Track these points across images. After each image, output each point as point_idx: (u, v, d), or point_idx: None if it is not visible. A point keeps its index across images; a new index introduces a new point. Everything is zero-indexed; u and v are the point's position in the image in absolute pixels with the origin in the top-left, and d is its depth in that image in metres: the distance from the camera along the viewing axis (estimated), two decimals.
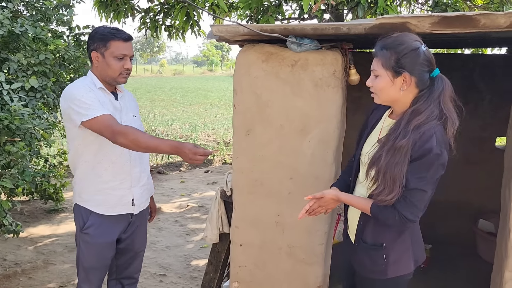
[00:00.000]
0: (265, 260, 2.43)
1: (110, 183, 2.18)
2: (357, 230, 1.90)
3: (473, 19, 1.74)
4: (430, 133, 1.60)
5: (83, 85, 2.09)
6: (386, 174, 1.64)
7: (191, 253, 4.11)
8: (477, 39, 2.57)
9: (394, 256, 1.81)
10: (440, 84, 1.66)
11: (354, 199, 1.83)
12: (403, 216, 1.65)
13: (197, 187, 6.52)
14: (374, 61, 1.72)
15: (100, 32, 2.11)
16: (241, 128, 2.33)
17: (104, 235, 2.22)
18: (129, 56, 2.14)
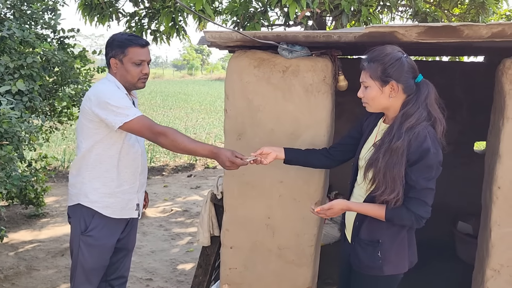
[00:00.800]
0: (255, 262, 2.47)
1: (122, 187, 2.23)
2: (353, 229, 1.98)
3: (457, 29, 1.83)
4: (424, 134, 1.73)
5: (115, 89, 2.13)
6: (386, 174, 1.75)
7: (176, 257, 4.11)
8: (457, 48, 2.68)
9: (391, 254, 1.89)
10: (425, 89, 1.80)
11: (366, 207, 1.87)
12: (419, 216, 1.76)
13: (180, 191, 6.51)
14: (363, 73, 1.85)
15: (118, 39, 2.15)
16: (233, 132, 2.38)
17: (107, 236, 2.26)
18: (147, 61, 2.19)
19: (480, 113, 4.06)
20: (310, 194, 2.32)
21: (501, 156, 2.01)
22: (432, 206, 1.77)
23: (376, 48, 1.83)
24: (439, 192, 4.08)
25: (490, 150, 2.18)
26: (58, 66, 3.57)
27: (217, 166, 8.38)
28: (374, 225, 1.89)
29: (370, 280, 1.94)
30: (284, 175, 2.34)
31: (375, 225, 1.88)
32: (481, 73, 3.99)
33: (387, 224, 1.84)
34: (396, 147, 1.73)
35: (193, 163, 8.43)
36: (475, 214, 4.22)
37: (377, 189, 1.79)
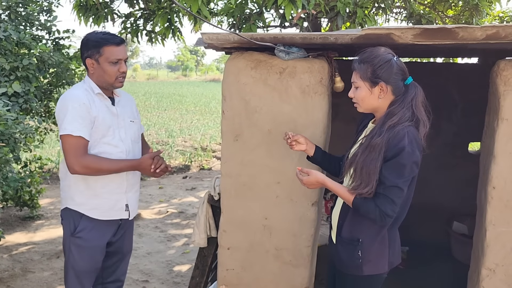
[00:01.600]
0: (252, 263, 2.47)
1: (107, 187, 2.20)
2: (337, 228, 2.00)
3: (453, 31, 1.85)
4: (403, 133, 1.76)
5: (78, 96, 2.09)
6: (363, 169, 1.79)
7: (173, 259, 4.10)
8: (452, 50, 2.71)
9: (370, 254, 1.91)
10: (412, 90, 1.84)
11: (339, 188, 1.89)
12: (382, 211, 1.77)
13: (175, 193, 6.50)
14: (354, 74, 1.89)
15: (92, 38, 2.11)
16: (230, 133, 2.38)
17: (97, 238, 2.23)
18: (124, 60, 2.15)
19: (474, 114, 4.09)
20: (307, 195, 2.33)
21: (496, 156, 2.03)
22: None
23: (367, 50, 1.86)
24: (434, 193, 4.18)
25: (485, 151, 2.20)
26: (54, 68, 3.55)
27: (212, 168, 8.39)
28: (355, 224, 1.91)
29: (351, 279, 1.96)
30: (281, 176, 2.35)
31: (356, 224, 1.91)
32: (475, 74, 4.01)
33: (367, 223, 1.86)
34: (375, 143, 1.77)
35: (188, 165, 8.42)
36: (470, 214, 4.26)
37: (354, 183, 1.83)
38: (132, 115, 2.34)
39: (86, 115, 2.08)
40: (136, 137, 2.33)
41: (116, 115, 2.22)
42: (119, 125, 2.22)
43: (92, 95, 2.14)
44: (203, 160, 8.89)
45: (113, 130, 2.18)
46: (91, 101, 2.11)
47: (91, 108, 2.10)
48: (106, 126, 2.15)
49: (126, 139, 2.24)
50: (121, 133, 2.22)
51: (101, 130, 2.14)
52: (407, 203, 1.89)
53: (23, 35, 3.09)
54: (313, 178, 1.92)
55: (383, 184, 1.77)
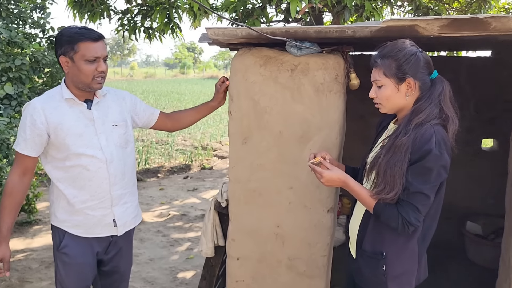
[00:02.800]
0: (264, 274, 2.31)
1: (88, 202, 2.00)
2: (357, 240, 1.83)
3: (484, 22, 1.68)
4: (430, 133, 1.59)
5: (34, 103, 1.91)
6: (387, 172, 1.62)
7: (176, 265, 3.95)
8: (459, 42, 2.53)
9: (397, 269, 1.73)
10: (440, 85, 1.69)
11: (361, 190, 1.71)
12: (406, 221, 1.60)
13: (177, 194, 6.34)
14: (374, 71, 1.71)
15: (67, 34, 1.89)
16: (238, 136, 2.22)
17: (82, 255, 2.04)
18: (102, 58, 1.91)
19: (487, 109, 3.95)
20: (322, 201, 2.17)
21: None
22: None
23: (387, 44, 1.70)
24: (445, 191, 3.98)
25: None
26: (48, 67, 3.38)
27: (213, 167, 8.22)
28: (378, 235, 1.74)
29: None
30: (294, 181, 2.19)
31: (378, 235, 1.73)
32: (487, 68, 3.86)
33: (392, 234, 1.69)
34: (401, 143, 1.60)
35: (189, 164, 8.26)
36: (484, 213, 4.13)
37: (377, 187, 1.65)
38: (119, 116, 2.09)
39: (30, 129, 1.89)
40: (123, 142, 2.09)
41: (92, 120, 1.98)
42: (98, 131, 1.98)
43: (55, 102, 1.92)
44: (204, 159, 8.74)
45: (88, 138, 1.96)
46: (52, 109, 1.90)
47: (47, 118, 1.89)
48: (75, 135, 1.93)
49: (107, 146, 2.01)
50: (101, 140, 1.99)
51: (69, 140, 1.92)
52: (437, 211, 1.72)
53: (14, 34, 2.91)
54: (335, 174, 1.72)
55: (406, 190, 1.60)
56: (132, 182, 2.16)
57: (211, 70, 49.44)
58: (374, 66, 1.71)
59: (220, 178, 7.40)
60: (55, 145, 1.94)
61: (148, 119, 2.27)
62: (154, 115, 2.28)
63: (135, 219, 2.21)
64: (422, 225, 1.69)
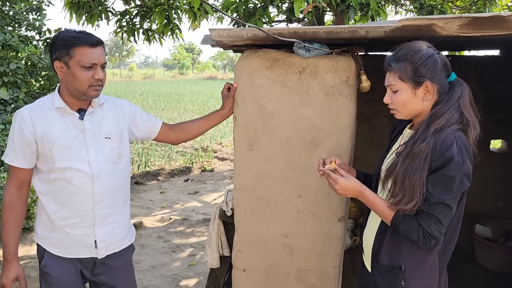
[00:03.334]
0: (271, 286, 2.21)
1: (69, 219, 1.86)
2: (373, 254, 1.72)
3: (507, 20, 1.58)
4: (451, 139, 1.49)
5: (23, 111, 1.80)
6: (405, 181, 1.52)
7: (178, 272, 3.84)
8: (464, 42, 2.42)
9: (416, 284, 1.63)
10: (459, 88, 1.59)
11: (378, 201, 1.61)
12: (428, 233, 1.51)
13: (178, 197, 6.24)
14: (389, 76, 1.61)
15: (62, 37, 1.75)
16: (243, 142, 2.12)
17: (65, 275, 1.90)
18: (100, 65, 1.78)
19: (496, 109, 3.85)
20: (332, 209, 2.07)
21: None
22: None
23: (401, 46, 1.60)
24: None
25: None
26: (45, 70, 3.27)
27: (214, 169, 8.13)
28: (395, 248, 1.63)
29: None
30: (303, 189, 2.09)
31: (395, 248, 1.63)
32: (496, 67, 3.77)
33: (411, 247, 1.59)
34: (419, 150, 1.50)
35: (190, 166, 8.16)
36: (494, 216, 4.04)
37: (395, 197, 1.55)
38: (113, 128, 1.93)
39: (19, 139, 1.79)
40: (115, 156, 1.92)
41: (82, 132, 1.84)
42: (87, 144, 1.84)
43: (44, 111, 1.81)
44: (205, 161, 8.64)
45: (75, 151, 1.82)
46: (40, 118, 1.79)
47: (34, 128, 1.78)
48: (62, 147, 1.80)
49: (96, 160, 1.86)
50: (90, 153, 1.84)
51: (54, 152, 1.80)
52: (459, 222, 1.61)
53: (9, 36, 2.81)
54: (351, 183, 1.62)
55: (427, 200, 1.50)
56: (121, 200, 1.98)
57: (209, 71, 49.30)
58: (389, 70, 1.61)
59: (221, 180, 7.30)
60: (41, 156, 1.83)
61: (149, 132, 2.10)
62: (156, 127, 2.11)
63: (121, 241, 2.00)
64: (443, 237, 1.59)
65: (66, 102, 1.83)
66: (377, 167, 1.81)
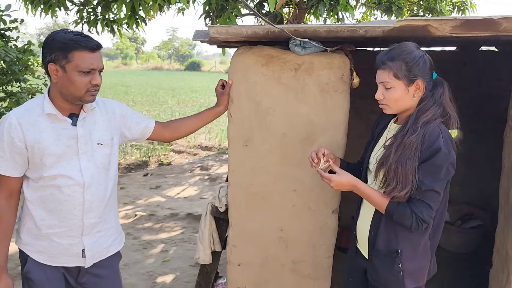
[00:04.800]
0: (267, 279, 2.26)
1: (56, 228, 1.78)
2: (369, 241, 1.83)
3: (496, 22, 1.71)
4: (437, 132, 1.63)
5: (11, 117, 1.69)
6: (398, 170, 1.64)
7: (153, 269, 3.79)
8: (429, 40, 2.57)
9: (412, 265, 1.76)
10: (440, 86, 1.74)
11: (372, 192, 1.73)
12: (420, 218, 1.64)
13: (139, 193, 6.10)
14: (383, 73, 1.71)
15: (59, 39, 1.65)
16: (238, 139, 2.13)
17: (48, 281, 1.83)
18: (98, 70, 1.71)
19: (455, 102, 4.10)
20: (327, 202, 2.14)
21: None
22: None
23: (394, 46, 1.71)
24: None
25: (509, 146, 2.11)
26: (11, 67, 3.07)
27: (172, 162, 8.01)
28: (391, 234, 1.76)
29: None
30: (298, 183, 2.14)
31: (391, 234, 1.75)
32: (453, 62, 4.01)
33: (406, 232, 1.72)
34: (410, 141, 1.64)
35: (146, 161, 7.99)
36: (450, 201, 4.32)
37: (388, 186, 1.67)
38: (105, 134, 1.86)
39: (9, 148, 1.69)
40: (105, 163, 1.84)
41: (75, 139, 1.76)
42: (80, 151, 1.76)
43: (34, 116, 1.71)
44: (161, 155, 8.49)
45: (67, 159, 1.75)
46: (30, 125, 1.70)
47: (24, 135, 1.69)
48: (53, 156, 1.72)
49: (88, 168, 1.79)
50: (82, 161, 1.77)
51: (45, 160, 1.72)
52: (445, 207, 1.77)
53: None
54: (344, 179, 1.73)
55: (418, 188, 1.63)
56: (108, 208, 1.90)
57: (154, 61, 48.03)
58: (382, 68, 1.70)
59: (182, 173, 7.22)
60: (31, 163, 1.74)
61: (142, 133, 2.03)
62: (149, 128, 2.04)
63: (108, 249, 1.92)
64: (433, 221, 1.73)
65: (57, 106, 1.73)
66: (364, 161, 1.91)
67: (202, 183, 6.67)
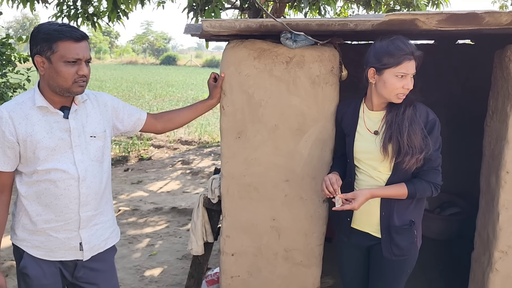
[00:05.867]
0: (260, 267, 2.31)
1: (52, 223, 1.78)
2: (382, 221, 1.93)
3: (479, 16, 1.79)
4: (423, 107, 1.88)
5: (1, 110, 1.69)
6: (411, 139, 1.79)
7: (140, 263, 3.79)
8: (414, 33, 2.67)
9: (419, 227, 1.97)
10: None
11: (389, 190, 1.87)
12: (437, 185, 1.86)
13: (121, 188, 6.06)
14: (412, 64, 1.80)
15: (44, 30, 1.65)
16: (231, 131, 2.17)
17: (45, 276, 1.84)
18: (84, 60, 1.69)
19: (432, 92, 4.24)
20: (318, 191, 2.20)
21: (509, 141, 2.04)
22: None
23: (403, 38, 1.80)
24: None
25: (492, 135, 2.22)
26: None
27: (152, 157, 7.97)
28: (403, 208, 1.91)
29: (408, 262, 1.98)
30: (290, 174, 2.19)
31: (403, 208, 1.91)
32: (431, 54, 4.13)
33: (412, 202, 1.90)
34: (411, 114, 1.81)
35: (126, 155, 7.93)
36: None
37: (405, 155, 1.79)
38: (98, 126, 1.86)
39: (0, 142, 1.70)
40: (99, 155, 1.85)
41: (68, 131, 1.76)
42: (73, 144, 1.76)
43: (26, 110, 1.71)
44: (141, 150, 8.42)
45: (60, 152, 1.75)
46: (21, 118, 1.70)
47: (16, 129, 1.69)
48: (46, 149, 1.72)
49: (82, 161, 1.79)
50: (76, 153, 1.77)
51: (38, 154, 1.71)
52: None
53: None
54: (363, 198, 1.84)
55: (428, 160, 1.82)
56: (104, 200, 1.91)
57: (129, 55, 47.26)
58: (411, 58, 1.78)
59: (163, 168, 7.20)
60: (23, 158, 1.73)
61: (134, 125, 2.04)
62: (141, 120, 2.04)
63: (106, 241, 1.93)
64: None
65: (48, 99, 1.73)
66: (347, 153, 1.99)
67: (184, 177, 6.67)
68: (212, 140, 9.30)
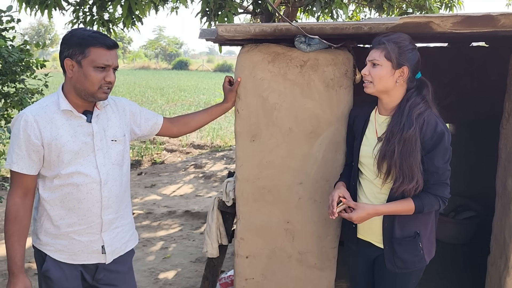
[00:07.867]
0: (274, 270, 2.32)
1: (75, 226, 1.81)
2: (384, 232, 1.90)
3: (495, 18, 1.79)
4: (433, 118, 1.78)
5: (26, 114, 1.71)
6: (402, 165, 1.75)
7: (155, 265, 3.83)
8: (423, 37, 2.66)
9: (428, 242, 1.91)
10: (424, 86, 1.87)
11: (395, 206, 1.82)
12: (444, 198, 1.81)
13: (135, 191, 6.11)
14: (375, 52, 1.80)
15: (78, 35, 1.71)
16: (246, 134, 2.19)
17: (67, 279, 1.86)
18: (112, 67, 1.76)
19: (445, 96, 4.21)
20: None
21: None
22: None
23: (391, 33, 1.82)
24: None
25: (508, 138, 2.20)
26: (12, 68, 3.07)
27: (165, 161, 8.03)
28: (406, 219, 1.86)
29: (414, 274, 1.93)
30: (304, 176, 2.20)
31: (406, 219, 1.86)
32: (445, 57, 4.11)
33: (418, 214, 1.84)
34: (409, 135, 1.74)
35: (140, 160, 8.00)
36: None
37: (395, 181, 1.78)
38: (118, 130, 1.90)
39: (26, 146, 1.72)
40: (119, 159, 1.89)
41: (91, 135, 1.80)
42: (96, 148, 1.80)
43: (50, 113, 1.74)
44: (154, 154, 8.50)
45: (84, 155, 1.78)
46: (47, 122, 1.73)
47: (41, 133, 1.71)
48: (70, 153, 1.75)
49: (104, 164, 1.83)
50: (98, 157, 1.81)
51: (63, 157, 1.74)
52: None
53: None
54: (364, 211, 1.81)
55: (435, 174, 1.77)
56: (124, 204, 1.95)
57: (141, 60, 47.68)
58: (376, 47, 1.79)
59: (176, 172, 7.25)
60: (47, 161, 1.76)
61: (151, 129, 2.08)
62: (158, 125, 2.09)
63: (126, 244, 1.97)
64: None
65: (72, 103, 1.77)
66: (354, 156, 1.99)
67: (197, 181, 6.71)
68: (224, 144, 9.35)
